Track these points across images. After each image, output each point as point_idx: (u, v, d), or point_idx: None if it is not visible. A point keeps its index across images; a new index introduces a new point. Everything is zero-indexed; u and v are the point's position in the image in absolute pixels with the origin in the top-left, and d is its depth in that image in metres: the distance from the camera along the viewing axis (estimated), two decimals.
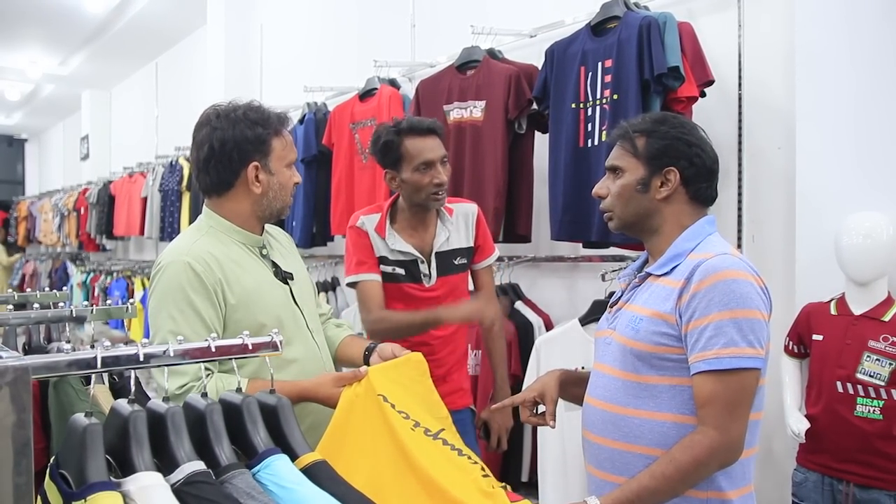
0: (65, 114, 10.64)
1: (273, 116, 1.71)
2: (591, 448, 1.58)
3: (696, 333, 1.40)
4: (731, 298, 1.39)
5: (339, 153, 3.83)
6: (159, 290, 1.61)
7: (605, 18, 2.59)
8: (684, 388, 1.44)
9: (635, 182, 1.53)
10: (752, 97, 2.50)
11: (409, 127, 2.16)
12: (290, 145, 1.75)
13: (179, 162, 5.76)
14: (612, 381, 1.53)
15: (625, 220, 1.57)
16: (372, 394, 1.46)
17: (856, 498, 2.02)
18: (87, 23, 6.87)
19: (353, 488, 1.06)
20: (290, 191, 1.75)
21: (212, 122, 1.67)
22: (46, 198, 9.67)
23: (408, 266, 2.22)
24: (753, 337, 1.39)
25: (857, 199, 2.15)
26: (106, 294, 6.92)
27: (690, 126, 1.56)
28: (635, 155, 1.54)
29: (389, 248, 2.21)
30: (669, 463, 1.38)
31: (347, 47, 4.52)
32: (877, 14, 2.15)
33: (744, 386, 1.39)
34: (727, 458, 1.40)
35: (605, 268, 2.63)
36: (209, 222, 1.72)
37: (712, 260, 1.43)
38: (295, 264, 1.86)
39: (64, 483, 0.93)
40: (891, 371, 1.97)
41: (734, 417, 1.38)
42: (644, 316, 1.49)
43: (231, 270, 1.64)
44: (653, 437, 1.45)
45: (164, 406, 1.02)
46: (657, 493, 1.38)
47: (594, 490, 1.56)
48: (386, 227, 2.22)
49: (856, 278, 2.07)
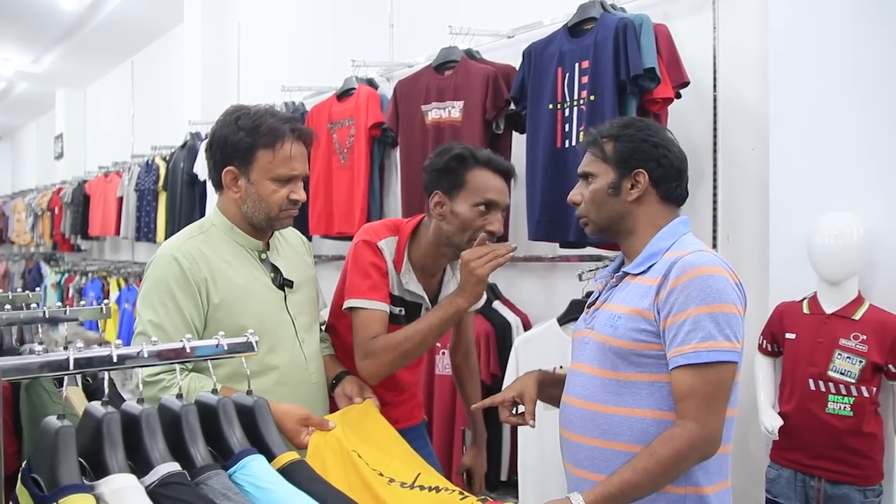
0: (38, 112, 10.49)
1: (266, 127, 1.65)
2: (569, 447, 1.59)
3: (674, 328, 1.42)
4: (708, 294, 1.41)
5: (317, 153, 3.81)
6: (148, 281, 1.66)
7: (583, 20, 2.60)
8: (663, 385, 1.46)
9: (606, 186, 1.57)
10: (726, 99, 2.52)
11: (486, 158, 1.83)
12: (284, 160, 1.67)
13: (155, 161, 5.69)
14: (590, 380, 1.55)
15: (600, 224, 1.61)
16: (345, 451, 1.48)
17: (827, 493, 2.05)
18: (61, 20, 6.77)
19: (331, 486, 1.06)
20: (275, 205, 1.69)
21: (217, 119, 1.73)
22: (19, 197, 9.53)
23: (409, 308, 1.93)
24: (730, 331, 1.42)
25: (829, 199, 2.18)
26: (81, 295, 6.83)
27: (656, 128, 1.60)
28: (605, 160, 1.58)
29: (402, 287, 1.90)
30: (650, 457, 1.40)
31: (325, 47, 4.50)
32: (849, 17, 2.18)
33: (721, 379, 1.42)
34: (706, 450, 1.42)
35: (583, 267, 2.64)
36: (213, 220, 1.76)
37: (688, 257, 1.46)
38: (302, 271, 1.85)
39: (36, 487, 0.92)
40: (861, 369, 2.00)
41: (712, 410, 1.41)
42: (622, 313, 1.51)
43: (220, 270, 1.66)
44: (632, 434, 1.47)
45: (139, 408, 1.01)
46: (639, 487, 1.40)
47: (573, 488, 1.57)
48: (403, 263, 1.90)
49: (827, 278, 2.10)
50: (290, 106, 4.16)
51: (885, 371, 2.02)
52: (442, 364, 2.98)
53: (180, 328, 1.58)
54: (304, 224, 3.95)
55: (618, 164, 1.56)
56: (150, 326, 1.59)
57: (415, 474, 1.48)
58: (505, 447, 2.94)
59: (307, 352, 1.78)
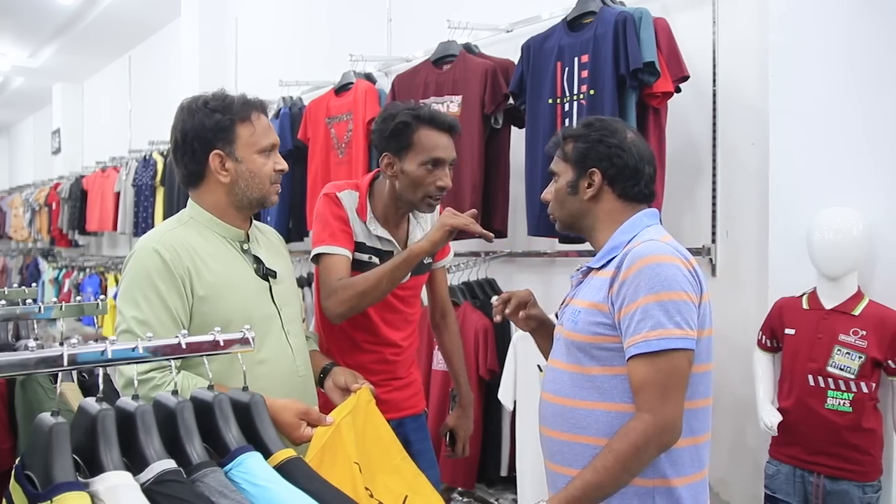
0: (35, 107, 10.45)
1: (237, 102, 1.65)
2: (545, 442, 1.62)
3: (626, 319, 1.44)
4: (657, 282, 1.43)
5: (315, 148, 3.80)
6: (128, 277, 1.59)
7: (582, 14, 2.59)
8: (625, 377, 1.47)
9: (566, 185, 1.63)
10: (725, 93, 2.52)
11: (429, 117, 1.92)
12: (264, 131, 1.69)
13: (153, 156, 5.68)
14: (560, 375, 1.57)
15: (563, 220, 1.68)
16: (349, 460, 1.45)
17: (826, 489, 2.05)
18: (57, 14, 6.74)
19: (328, 484, 1.05)
20: (266, 178, 1.70)
21: (177, 115, 1.67)
22: (17, 192, 9.50)
23: (384, 257, 1.98)
24: (680, 318, 1.42)
25: (828, 194, 2.17)
26: (78, 290, 6.82)
27: (615, 129, 1.62)
28: (565, 159, 1.63)
29: (369, 234, 1.98)
30: (609, 454, 1.41)
31: (323, 41, 4.49)
32: (849, 11, 2.17)
33: (674, 367, 1.42)
34: (664, 439, 1.42)
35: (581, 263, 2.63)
36: (191, 213, 1.71)
37: (638, 247, 1.48)
38: (281, 264, 1.82)
39: (30, 485, 0.91)
40: (860, 364, 2.00)
41: (666, 399, 1.41)
42: (582, 308, 1.54)
43: (203, 262, 1.61)
44: (599, 427, 1.49)
45: (134, 404, 1.00)
46: (602, 486, 1.41)
47: (552, 483, 1.60)
48: (367, 211, 1.99)
49: (827, 273, 2.09)
50: (288, 100, 4.14)
51: (884, 367, 2.01)
52: (436, 359, 2.97)
53: (166, 323, 1.53)
54: (302, 218, 3.95)
55: (575, 164, 1.61)
56: (135, 323, 1.52)
57: (402, 496, 1.48)
58: (504, 443, 2.94)
59: (293, 343, 1.74)
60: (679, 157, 2.56)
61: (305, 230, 3.99)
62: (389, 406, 2.04)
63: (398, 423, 2.07)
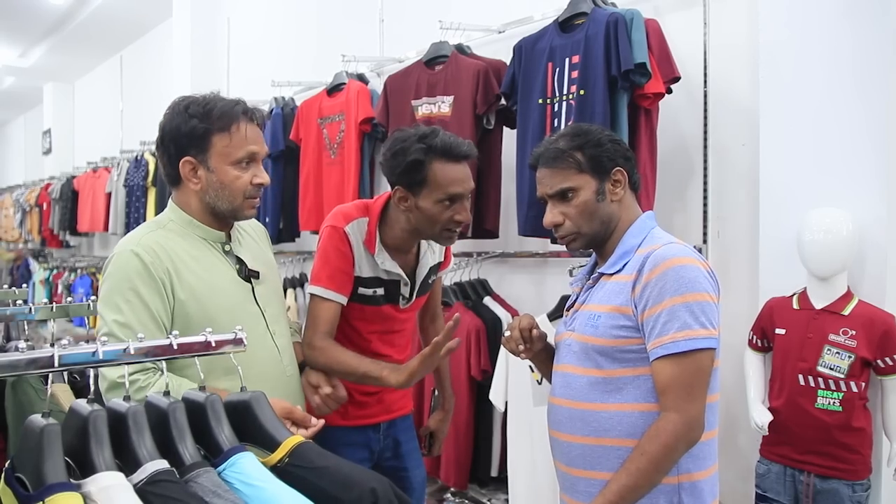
0: (26, 107, 10.41)
1: (217, 110, 1.59)
2: (560, 446, 1.61)
3: (651, 321, 1.46)
4: (682, 284, 1.45)
5: (307, 148, 3.80)
6: (108, 281, 1.55)
7: (573, 14, 2.59)
8: (647, 378, 1.49)
9: (593, 194, 1.59)
10: (717, 94, 2.53)
11: (443, 148, 1.76)
12: (241, 142, 1.61)
13: (145, 157, 5.66)
14: (576, 380, 1.57)
15: (592, 234, 1.62)
16: None
17: (816, 488, 2.06)
18: (48, 13, 6.72)
19: (343, 460, 1.06)
20: (238, 192, 1.63)
21: (164, 112, 1.64)
22: (7, 193, 9.47)
23: (389, 287, 1.92)
24: (705, 318, 1.45)
25: (818, 195, 2.18)
26: (69, 291, 6.79)
27: (598, 129, 1.65)
28: (581, 170, 1.59)
29: (377, 268, 1.89)
30: (641, 456, 1.43)
31: (315, 42, 4.48)
32: (838, 13, 2.18)
33: (700, 367, 1.45)
34: (691, 437, 1.45)
35: (573, 263, 2.64)
36: (170, 215, 1.68)
37: (660, 250, 1.50)
38: (265, 261, 1.80)
39: (21, 487, 0.91)
40: (850, 364, 2.01)
41: (693, 398, 1.44)
42: (602, 312, 1.54)
43: (183, 264, 1.58)
44: (622, 429, 1.50)
45: (125, 405, 1.00)
46: (637, 489, 1.43)
47: (566, 487, 1.60)
48: (376, 243, 1.88)
49: (817, 273, 2.11)
50: (280, 101, 4.13)
51: (873, 366, 2.03)
52: None
53: (148, 326, 1.49)
54: (294, 220, 3.94)
55: (594, 171, 1.59)
56: (117, 327, 1.48)
57: None
58: (495, 444, 2.94)
59: (279, 343, 1.72)
60: (670, 158, 2.57)
61: (297, 230, 3.99)
62: (382, 408, 2.05)
63: (390, 424, 2.08)
